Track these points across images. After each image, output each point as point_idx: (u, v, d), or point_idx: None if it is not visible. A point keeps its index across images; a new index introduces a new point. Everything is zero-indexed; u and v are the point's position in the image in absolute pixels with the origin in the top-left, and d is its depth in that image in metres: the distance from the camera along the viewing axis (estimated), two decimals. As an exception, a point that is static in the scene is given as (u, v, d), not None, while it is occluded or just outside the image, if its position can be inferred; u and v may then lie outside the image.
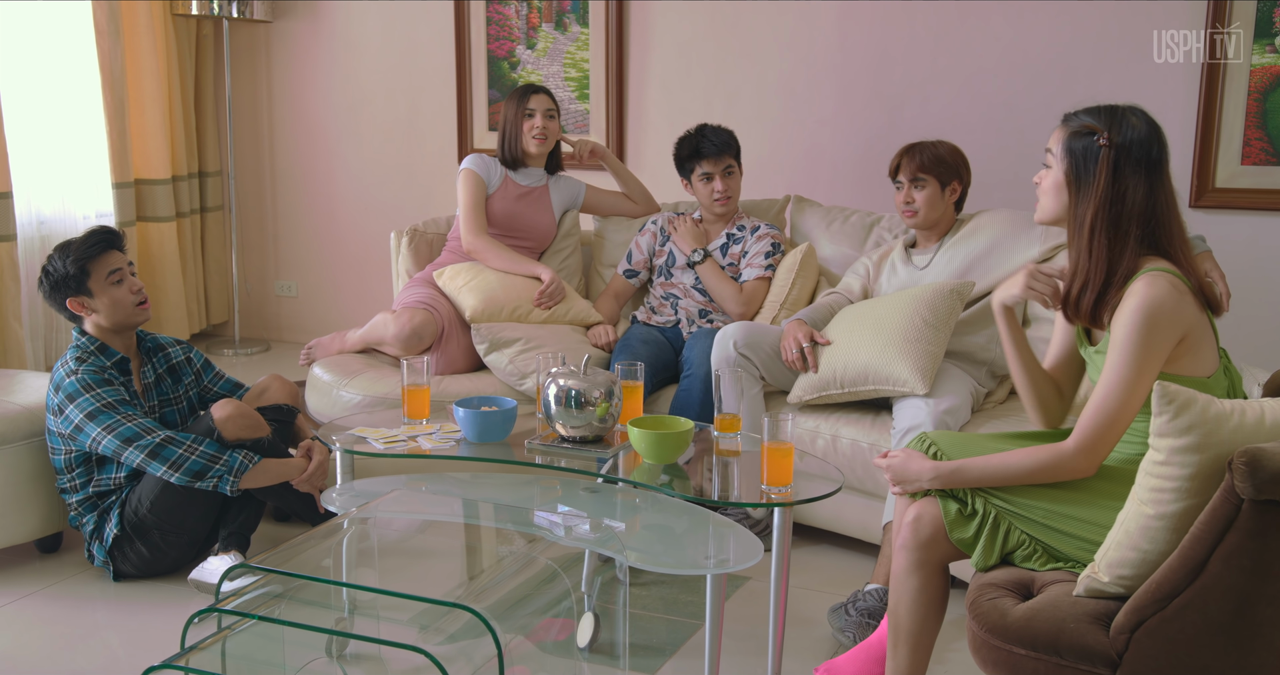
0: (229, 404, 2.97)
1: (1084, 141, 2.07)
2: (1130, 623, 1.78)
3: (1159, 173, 2.05)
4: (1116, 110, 2.08)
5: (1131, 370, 1.96)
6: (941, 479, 2.11)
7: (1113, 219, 2.04)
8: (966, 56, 4.17)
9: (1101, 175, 2.04)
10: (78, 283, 2.94)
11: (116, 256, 3.00)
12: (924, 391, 2.98)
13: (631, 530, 2.43)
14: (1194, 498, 1.75)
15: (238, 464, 2.88)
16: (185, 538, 2.97)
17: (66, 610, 2.91)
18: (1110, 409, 1.99)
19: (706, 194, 3.71)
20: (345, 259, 5.49)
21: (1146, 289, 1.98)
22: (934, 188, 3.28)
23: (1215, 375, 2.04)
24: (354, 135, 5.36)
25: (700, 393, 3.31)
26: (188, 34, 5.32)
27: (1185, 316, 1.99)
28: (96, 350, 2.97)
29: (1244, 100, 3.75)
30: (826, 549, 3.30)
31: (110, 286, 2.96)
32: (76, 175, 4.87)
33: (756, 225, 3.78)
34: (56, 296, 2.97)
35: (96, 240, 2.98)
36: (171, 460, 2.83)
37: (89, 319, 2.99)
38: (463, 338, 3.64)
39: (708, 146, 3.66)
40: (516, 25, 4.88)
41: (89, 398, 2.86)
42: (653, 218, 3.92)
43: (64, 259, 2.95)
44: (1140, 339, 1.96)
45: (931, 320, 3.07)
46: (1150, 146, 2.04)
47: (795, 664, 2.60)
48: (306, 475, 2.99)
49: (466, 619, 1.93)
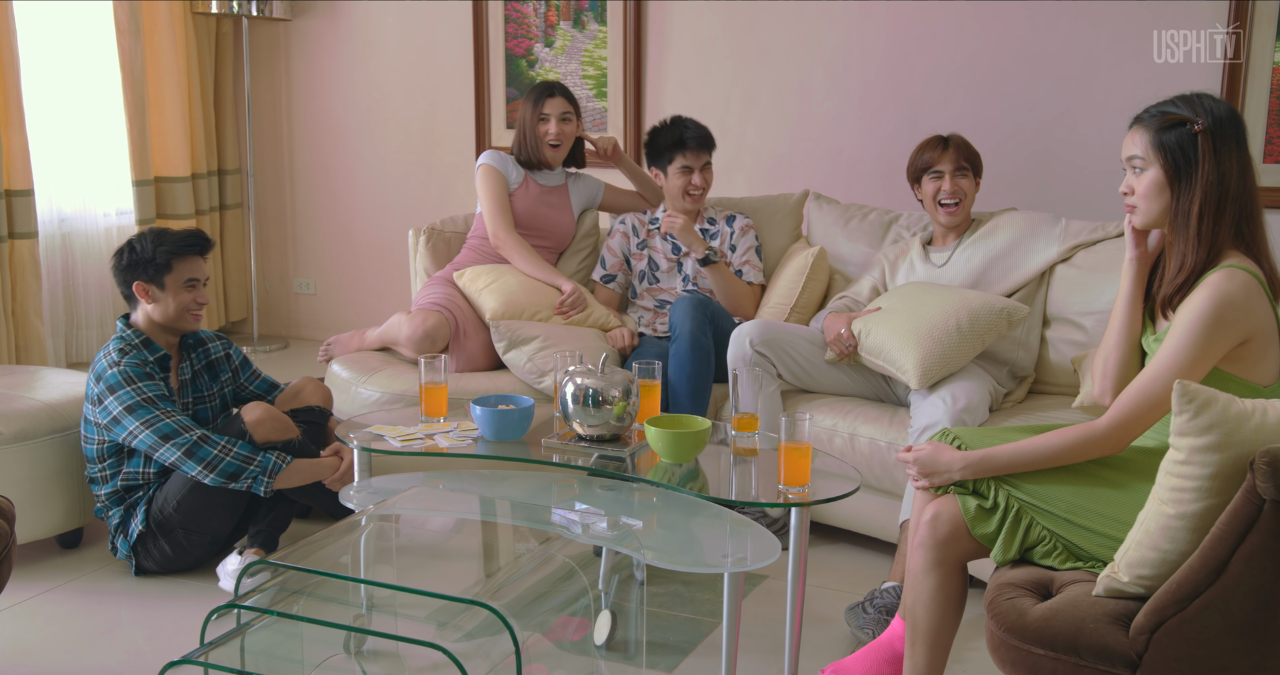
0: (259, 407, 2.99)
1: (1176, 133, 2.03)
2: (1150, 623, 1.77)
3: (1246, 150, 2.03)
4: (1193, 97, 2.05)
5: (1186, 358, 1.95)
6: (972, 468, 2.10)
7: (1219, 202, 2.01)
8: (986, 54, 4.15)
9: (1205, 161, 2.00)
10: (156, 271, 2.97)
11: (200, 265, 3.04)
12: (916, 386, 2.98)
13: (649, 528, 2.43)
14: (1215, 497, 1.74)
15: (271, 465, 2.90)
16: (208, 537, 2.99)
17: (88, 605, 2.93)
18: (1154, 391, 1.97)
19: (681, 186, 3.68)
20: (363, 257, 5.51)
21: (1222, 281, 1.96)
22: (972, 178, 3.26)
23: (1273, 387, 2.02)
24: (372, 133, 5.38)
25: (687, 354, 3.31)
26: (207, 32, 5.34)
27: (1254, 318, 1.97)
28: (141, 343, 2.99)
29: (1266, 98, 3.72)
30: (844, 548, 3.29)
31: (181, 289, 2.99)
32: (97, 173, 4.90)
33: (730, 216, 3.77)
34: (128, 274, 2.99)
35: (193, 242, 3.02)
36: (207, 460, 2.85)
37: (143, 308, 3.00)
38: (481, 335, 3.64)
39: (691, 138, 3.65)
40: (535, 23, 4.88)
41: (130, 391, 2.88)
42: (620, 219, 3.88)
43: (155, 245, 2.98)
44: (1203, 330, 1.94)
45: (966, 328, 3.01)
46: (1237, 123, 2.02)
47: (812, 663, 2.60)
48: (338, 474, 3.01)
49: (484, 616, 1.94)
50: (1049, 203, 4.03)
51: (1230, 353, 1.98)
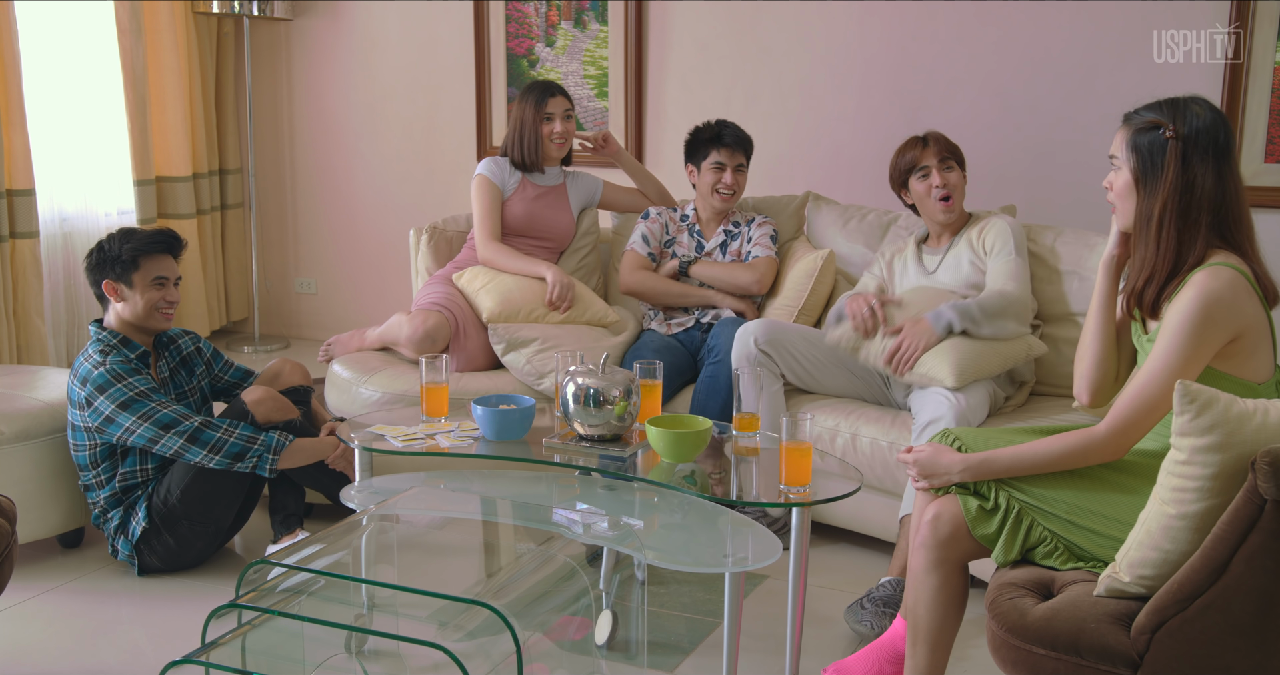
0: (259, 388, 3.05)
1: (1149, 136, 2.03)
2: (1152, 623, 1.77)
3: (1227, 160, 2.02)
4: (1178, 102, 2.05)
5: (1177, 359, 1.94)
6: (971, 471, 2.10)
7: (1182, 209, 2.00)
8: (986, 54, 4.15)
9: (1170, 167, 2.01)
10: (123, 269, 2.98)
11: (169, 263, 3.05)
12: (953, 384, 2.93)
13: (650, 528, 2.43)
14: (1216, 497, 1.74)
15: (275, 442, 2.93)
16: (211, 527, 3.01)
17: (89, 605, 2.93)
18: (1149, 395, 1.97)
19: (712, 182, 3.67)
20: (364, 256, 5.51)
21: (1208, 280, 1.95)
22: (959, 171, 3.25)
23: (1266, 384, 2.02)
24: (373, 133, 5.38)
25: (725, 379, 3.31)
26: (209, 32, 5.35)
27: (1243, 315, 1.97)
28: (120, 342, 3.00)
29: (1267, 98, 3.72)
30: (845, 547, 3.29)
31: (150, 287, 3.00)
32: (98, 173, 4.90)
33: (751, 218, 3.77)
34: (97, 273, 3.01)
35: (159, 240, 3.03)
36: (211, 443, 2.87)
37: (113, 308, 3.02)
38: (481, 336, 3.64)
39: (728, 135, 3.65)
40: (536, 23, 4.88)
41: (120, 387, 2.89)
42: (656, 210, 3.83)
43: (122, 244, 3.00)
44: (1192, 330, 1.94)
45: (998, 345, 3.03)
46: (1217, 133, 2.01)
47: (813, 663, 2.60)
48: (340, 452, 3.04)
49: (485, 616, 1.94)
50: (1049, 203, 4.03)
51: (1222, 350, 1.97)
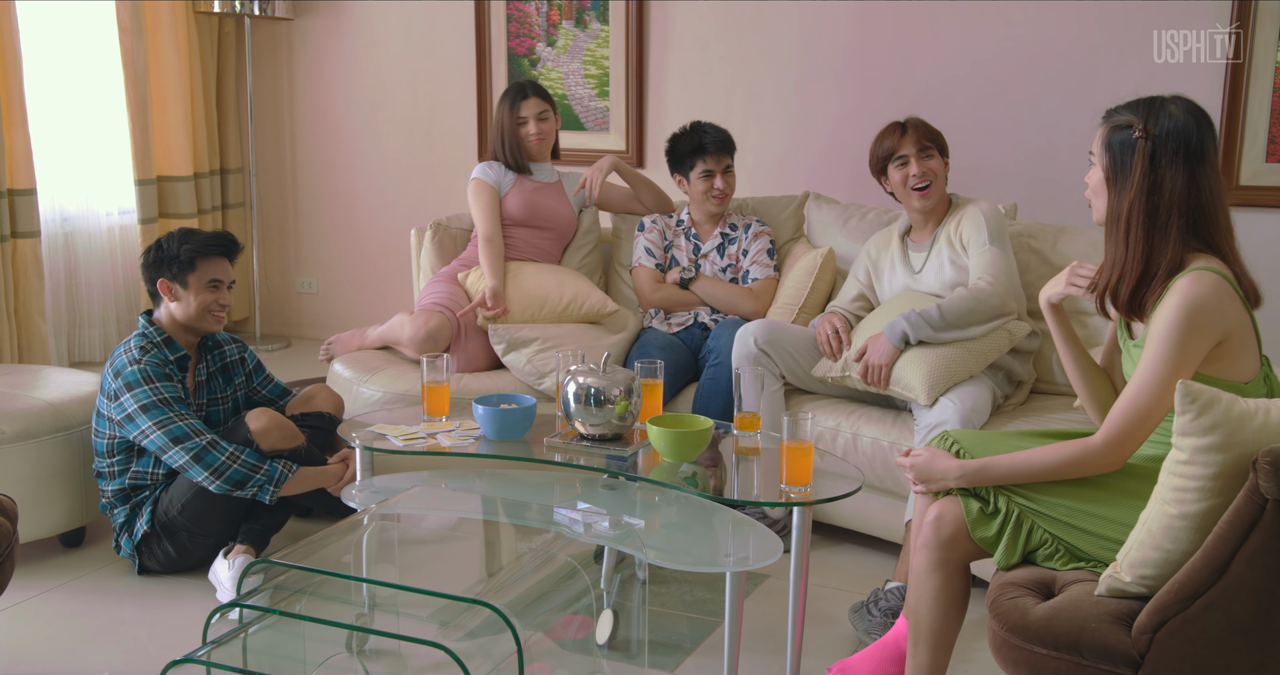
0: (264, 415, 2.98)
1: (1121, 136, 2.03)
2: (1153, 623, 1.77)
3: (1201, 161, 2.00)
4: (1155, 101, 2.04)
5: (1166, 367, 1.94)
6: (967, 478, 2.10)
7: (1149, 210, 2.00)
8: (986, 54, 4.15)
9: (1137, 167, 2.00)
10: (179, 269, 2.98)
11: (225, 267, 3.04)
12: (926, 403, 2.95)
13: (651, 528, 2.43)
14: (1217, 497, 1.74)
15: (278, 474, 2.90)
16: (211, 539, 2.99)
17: (91, 604, 2.93)
18: (1142, 405, 1.97)
19: (704, 191, 3.67)
20: (365, 256, 5.51)
21: (1190, 286, 1.95)
22: (939, 158, 3.21)
23: (1254, 382, 2.02)
24: (375, 132, 5.38)
25: (726, 381, 3.31)
26: (210, 32, 5.35)
27: (1227, 318, 1.96)
28: (163, 342, 2.99)
29: (1269, 98, 3.72)
30: (847, 547, 3.29)
31: (204, 289, 2.99)
32: (100, 172, 4.91)
33: (749, 223, 3.77)
34: (154, 271, 3.00)
35: (217, 243, 3.03)
36: (214, 467, 2.84)
37: (165, 306, 3.01)
38: (482, 336, 3.64)
39: (710, 143, 3.64)
40: (537, 22, 4.88)
41: (147, 389, 2.88)
42: (650, 219, 3.85)
43: (181, 244, 2.99)
44: (1178, 336, 1.94)
45: (973, 347, 3.02)
46: (1189, 136, 1.99)
47: (814, 662, 2.60)
48: (343, 483, 3.01)
49: (486, 615, 1.94)
50: (1049, 202, 4.03)
51: (1209, 354, 1.97)
